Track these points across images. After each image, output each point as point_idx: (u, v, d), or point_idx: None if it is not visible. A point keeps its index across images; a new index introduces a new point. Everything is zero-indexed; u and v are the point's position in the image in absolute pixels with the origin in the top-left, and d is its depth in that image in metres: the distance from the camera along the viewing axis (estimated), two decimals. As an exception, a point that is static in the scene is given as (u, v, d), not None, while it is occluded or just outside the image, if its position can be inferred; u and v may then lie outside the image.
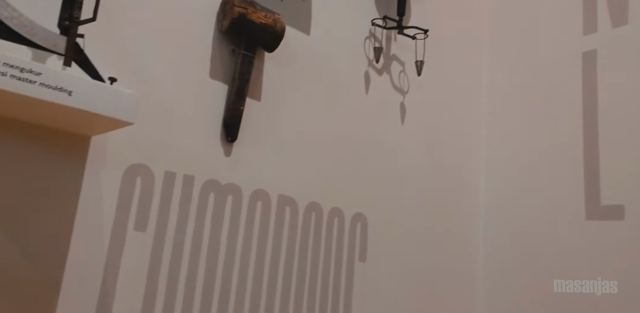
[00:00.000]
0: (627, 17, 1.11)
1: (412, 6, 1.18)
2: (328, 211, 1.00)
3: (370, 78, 1.10)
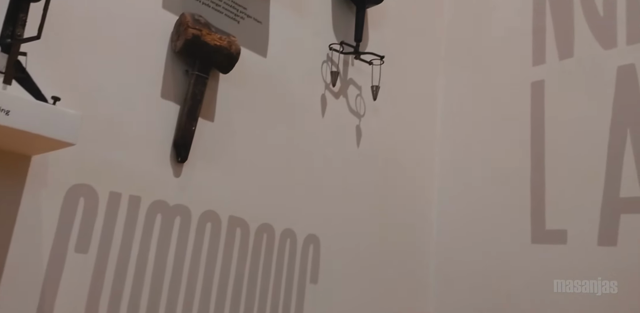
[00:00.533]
0: (572, 51, 1.17)
1: (369, 32, 1.21)
2: (280, 232, 0.99)
3: (327, 101, 1.11)
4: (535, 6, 1.24)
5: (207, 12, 0.88)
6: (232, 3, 0.92)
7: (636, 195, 1.02)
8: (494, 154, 1.26)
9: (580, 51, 1.15)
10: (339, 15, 1.13)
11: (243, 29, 0.94)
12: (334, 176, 1.10)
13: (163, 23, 0.82)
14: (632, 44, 1.08)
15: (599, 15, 1.13)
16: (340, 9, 1.14)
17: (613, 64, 1.10)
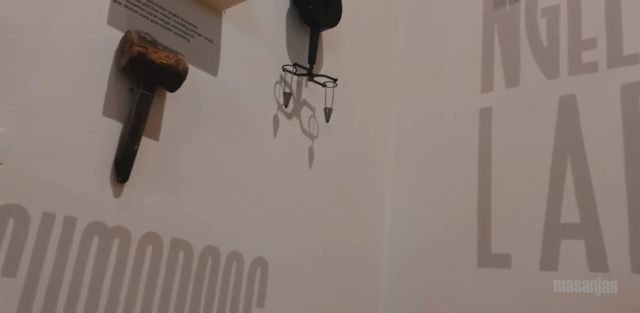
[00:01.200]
0: (519, 80, 1.21)
1: (324, 55, 1.22)
2: (226, 255, 0.97)
3: (279, 122, 1.10)
4: (485, 36, 1.29)
5: (156, 29, 0.86)
6: (183, 21, 0.91)
7: (575, 221, 1.05)
8: (444, 179, 1.28)
9: (525, 80, 1.20)
10: (293, 37, 1.14)
11: (193, 48, 0.93)
12: (284, 198, 1.09)
13: (107, 39, 0.80)
14: (573, 75, 1.12)
15: (543, 47, 1.18)
16: (295, 31, 1.15)
17: (555, 93, 1.14)
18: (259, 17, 1.07)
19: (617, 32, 1.08)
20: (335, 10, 1.16)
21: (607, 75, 1.07)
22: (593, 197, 1.04)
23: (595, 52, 1.10)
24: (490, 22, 1.28)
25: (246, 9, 1.03)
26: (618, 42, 1.07)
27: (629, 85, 1.04)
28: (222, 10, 0.98)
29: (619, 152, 1.03)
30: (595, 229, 1.03)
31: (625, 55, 1.06)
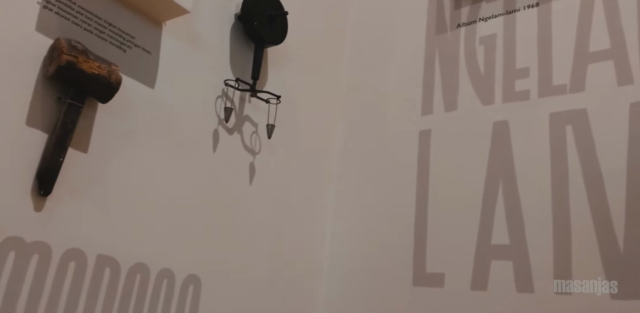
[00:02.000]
0: (456, 104, 1.25)
1: (269, 71, 1.22)
2: (157, 273, 0.94)
3: (219, 137, 1.09)
4: (427, 61, 1.33)
5: (89, 38, 0.84)
6: (119, 31, 0.88)
7: (505, 243, 1.09)
8: (384, 198, 1.30)
9: (462, 105, 1.24)
10: (237, 52, 1.13)
11: (129, 59, 0.91)
12: (222, 214, 1.07)
13: (35, 46, 0.77)
14: (506, 102, 1.17)
15: (480, 74, 1.23)
16: (240, 46, 1.14)
17: (490, 119, 1.18)
18: (202, 30, 1.06)
19: (548, 63, 1.13)
20: (281, 27, 1.16)
21: (538, 103, 1.13)
22: (522, 220, 1.08)
23: (528, 81, 1.15)
24: (432, 47, 1.32)
25: (188, 21, 1.02)
26: (548, 73, 1.13)
27: (557, 113, 1.10)
28: (162, 22, 0.96)
29: (546, 177, 1.07)
30: (523, 251, 1.06)
31: (554, 85, 1.12)
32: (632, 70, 1.03)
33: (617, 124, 1.02)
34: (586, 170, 1.03)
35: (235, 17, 1.12)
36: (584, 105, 1.07)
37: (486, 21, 1.25)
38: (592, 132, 1.05)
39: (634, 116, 1.01)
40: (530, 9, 1.19)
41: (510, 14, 1.21)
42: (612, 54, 1.06)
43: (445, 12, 1.32)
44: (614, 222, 0.98)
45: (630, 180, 0.98)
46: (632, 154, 0.99)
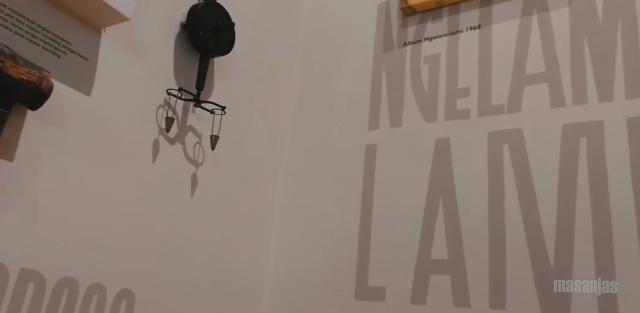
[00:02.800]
0: (401, 120, 1.27)
1: (215, 81, 1.21)
2: (86, 287, 0.90)
3: (160, 147, 1.06)
4: (374, 77, 1.35)
5: (20, 42, 0.80)
6: (53, 36, 0.85)
7: (444, 257, 1.11)
8: (330, 212, 1.30)
9: (407, 121, 1.26)
10: (182, 62, 1.12)
11: (64, 65, 0.87)
12: (160, 226, 1.04)
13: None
14: (448, 120, 1.20)
15: (424, 92, 1.26)
16: (185, 55, 1.12)
17: (432, 136, 1.21)
18: (145, 38, 1.04)
19: (488, 83, 1.17)
20: (228, 38, 1.15)
21: (477, 122, 1.16)
22: (460, 235, 1.11)
23: (468, 100, 1.19)
24: (380, 64, 1.35)
25: (130, 29, 1.00)
26: (488, 93, 1.17)
27: (495, 133, 1.13)
28: (101, 28, 0.94)
29: (483, 194, 1.10)
30: (460, 266, 1.08)
31: (493, 105, 1.15)
32: (564, 93, 1.08)
33: (550, 145, 1.07)
34: (520, 188, 1.07)
35: (181, 26, 1.11)
36: (520, 126, 1.11)
37: (431, 41, 1.28)
38: (527, 151, 1.09)
39: (565, 137, 1.06)
40: (472, 30, 1.23)
41: (453, 35, 1.25)
42: (547, 77, 1.11)
43: (392, 30, 1.35)
44: (545, 239, 1.02)
45: (561, 198, 1.02)
46: (563, 173, 1.04)
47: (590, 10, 1.10)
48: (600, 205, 0.98)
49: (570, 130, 1.05)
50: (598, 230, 0.97)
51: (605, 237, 0.96)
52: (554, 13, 1.14)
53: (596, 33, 1.08)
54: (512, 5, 1.19)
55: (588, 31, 1.09)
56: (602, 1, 1.10)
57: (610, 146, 1.01)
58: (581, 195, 1.01)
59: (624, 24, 1.06)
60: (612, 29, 1.07)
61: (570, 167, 1.03)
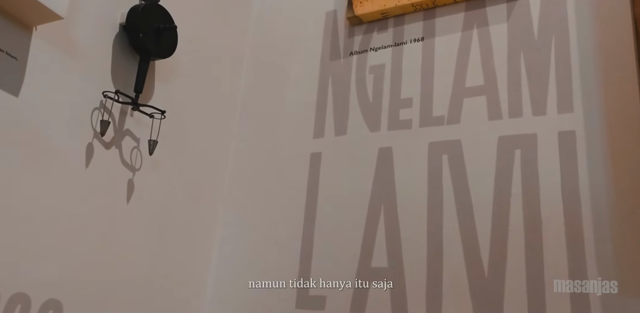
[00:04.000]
0: (346, 129, 1.28)
1: (156, 85, 1.18)
2: (8, 298, 0.85)
3: (94, 152, 1.02)
4: (320, 85, 1.35)
5: (-63, 37, 0.76)
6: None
7: (384, 265, 1.11)
8: (273, 218, 1.29)
9: (352, 130, 1.27)
10: (121, 64, 1.08)
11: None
12: (91, 233, 1.00)
13: None
14: (391, 130, 1.22)
15: (369, 101, 1.27)
16: (125, 57, 1.09)
17: (376, 145, 1.22)
18: (80, 38, 1.00)
19: (429, 94, 1.20)
20: (170, 41, 1.13)
21: (419, 132, 1.18)
22: (400, 244, 1.12)
23: (411, 111, 1.20)
24: (326, 72, 1.35)
25: (64, 28, 0.96)
26: (429, 104, 1.19)
27: (435, 143, 1.16)
28: (32, 27, 0.89)
29: (423, 204, 1.12)
30: (399, 274, 1.10)
31: (434, 116, 1.18)
32: (501, 106, 1.12)
33: (487, 156, 1.10)
34: (458, 197, 1.09)
35: (120, 26, 1.07)
36: (459, 137, 1.14)
37: (376, 51, 1.30)
38: (465, 162, 1.11)
39: (501, 149, 1.09)
40: (416, 42, 1.25)
41: (398, 46, 1.27)
42: (485, 90, 1.14)
43: (339, 39, 1.36)
44: (480, 247, 1.04)
45: (496, 208, 1.05)
46: (498, 184, 1.07)
47: (527, 27, 1.15)
48: (532, 215, 1.02)
49: (506, 142, 1.09)
50: (530, 238, 1.00)
51: (536, 246, 0.99)
52: (493, 28, 1.18)
53: (532, 49, 1.13)
54: (454, 19, 1.22)
55: (524, 47, 1.14)
56: (538, 19, 1.14)
57: (543, 158, 1.05)
58: (515, 205, 1.04)
59: (557, 42, 1.11)
60: (546, 46, 1.11)
61: (505, 178, 1.07)
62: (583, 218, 0.98)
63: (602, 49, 1.06)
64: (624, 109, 1.00)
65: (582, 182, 0.99)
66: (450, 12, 1.23)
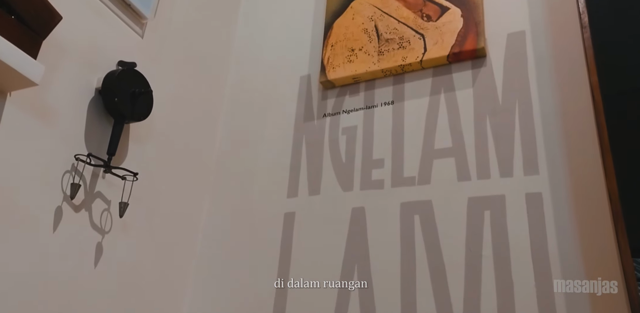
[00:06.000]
0: (320, 189, 1.29)
1: (130, 147, 1.18)
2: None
3: (62, 215, 1.01)
4: (294, 146, 1.37)
5: None
6: (-51, 100, 0.82)
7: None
8: (245, 280, 1.27)
9: (325, 190, 1.28)
10: (95, 127, 1.09)
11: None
12: (55, 299, 0.97)
13: None
14: (363, 189, 1.23)
15: (342, 162, 1.29)
16: (99, 120, 1.10)
17: (349, 204, 1.23)
18: (55, 103, 1.01)
19: (400, 155, 1.22)
20: (145, 104, 1.15)
21: (391, 193, 1.20)
22: (373, 304, 1.10)
23: (382, 171, 1.23)
24: (300, 133, 1.38)
25: (39, 93, 0.98)
26: (400, 165, 1.21)
27: (407, 203, 1.17)
28: (7, 92, 0.91)
29: (396, 263, 1.12)
30: (373, 340, 1.07)
31: (405, 176, 1.20)
32: (469, 168, 1.14)
33: (457, 216, 1.11)
34: (430, 258, 1.09)
35: (96, 91, 1.09)
36: (430, 197, 1.15)
37: (349, 113, 1.34)
38: (436, 222, 1.12)
39: (471, 210, 1.10)
40: (386, 106, 1.30)
41: (369, 109, 1.32)
42: (454, 152, 1.18)
43: (313, 101, 1.40)
44: (453, 309, 1.03)
45: (468, 267, 1.05)
46: (469, 245, 1.07)
47: (491, 92, 1.20)
48: (503, 277, 1.02)
49: (475, 203, 1.10)
50: (501, 301, 1.00)
51: (508, 309, 0.99)
52: (460, 93, 1.23)
53: (497, 113, 1.17)
54: (422, 84, 1.28)
55: (490, 111, 1.18)
56: (502, 84, 1.20)
57: (512, 220, 1.06)
58: (486, 267, 1.04)
59: (521, 106, 1.16)
60: (510, 110, 1.16)
61: (476, 239, 1.07)
62: (553, 279, 0.98)
63: (563, 113, 1.11)
64: (587, 170, 1.03)
65: (551, 244, 1.01)
66: (418, 77, 1.29)
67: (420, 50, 1.27)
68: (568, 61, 1.14)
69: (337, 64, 1.36)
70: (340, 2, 1.44)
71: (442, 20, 1.27)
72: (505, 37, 1.23)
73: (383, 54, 1.31)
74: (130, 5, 1.19)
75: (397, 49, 1.30)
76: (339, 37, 1.39)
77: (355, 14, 1.40)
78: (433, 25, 1.28)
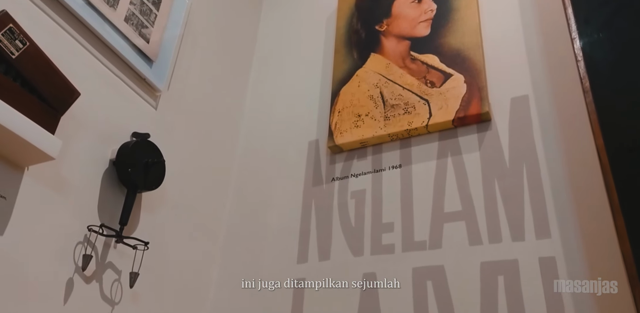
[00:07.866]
0: (329, 254, 1.28)
1: (142, 216, 1.20)
2: None
3: (74, 287, 1.01)
4: (304, 211, 1.38)
5: None
6: (-31, 178, 0.85)
7: None
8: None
9: (335, 255, 1.27)
10: (108, 197, 1.11)
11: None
12: None
13: None
14: (374, 254, 1.22)
15: (352, 226, 1.29)
16: (112, 191, 1.12)
17: (360, 270, 1.21)
18: (70, 175, 1.04)
19: (410, 219, 1.22)
20: (158, 173, 1.18)
21: (402, 257, 1.18)
22: None
23: (392, 235, 1.22)
24: (309, 198, 1.39)
25: (55, 166, 1.01)
26: (410, 229, 1.21)
27: (419, 268, 1.15)
28: (24, 167, 0.94)
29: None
30: None
31: (416, 241, 1.19)
32: (480, 232, 1.13)
33: (471, 282, 1.09)
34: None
35: (110, 162, 1.13)
36: (442, 262, 1.14)
37: (357, 177, 1.35)
38: (449, 288, 1.10)
39: (484, 275, 1.08)
40: (394, 169, 1.31)
41: (377, 173, 1.33)
42: (464, 216, 1.17)
43: (322, 166, 1.42)
44: None
45: (485, 339, 1.02)
46: (485, 311, 1.04)
47: (498, 155, 1.21)
48: (523, 347, 0.98)
49: (488, 268, 1.09)
50: (523, 375, 0.96)
51: None
52: (466, 156, 1.24)
53: (505, 176, 1.18)
54: (429, 148, 1.30)
55: (497, 174, 1.19)
56: (508, 148, 1.21)
57: (526, 285, 1.04)
58: (504, 335, 1.01)
59: (529, 169, 1.16)
60: (518, 173, 1.17)
61: (491, 305, 1.05)
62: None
63: (571, 175, 1.11)
64: (599, 233, 1.02)
65: (567, 308, 0.98)
66: (424, 141, 1.31)
67: (425, 115, 1.30)
68: (572, 124, 1.16)
69: (344, 129, 1.39)
70: (346, 71, 1.50)
71: (446, 86, 1.32)
72: (509, 101, 1.26)
73: (389, 119, 1.34)
74: (145, 79, 1.25)
75: (402, 114, 1.33)
76: (346, 103, 1.44)
77: (361, 81, 1.45)
78: (437, 91, 1.32)
